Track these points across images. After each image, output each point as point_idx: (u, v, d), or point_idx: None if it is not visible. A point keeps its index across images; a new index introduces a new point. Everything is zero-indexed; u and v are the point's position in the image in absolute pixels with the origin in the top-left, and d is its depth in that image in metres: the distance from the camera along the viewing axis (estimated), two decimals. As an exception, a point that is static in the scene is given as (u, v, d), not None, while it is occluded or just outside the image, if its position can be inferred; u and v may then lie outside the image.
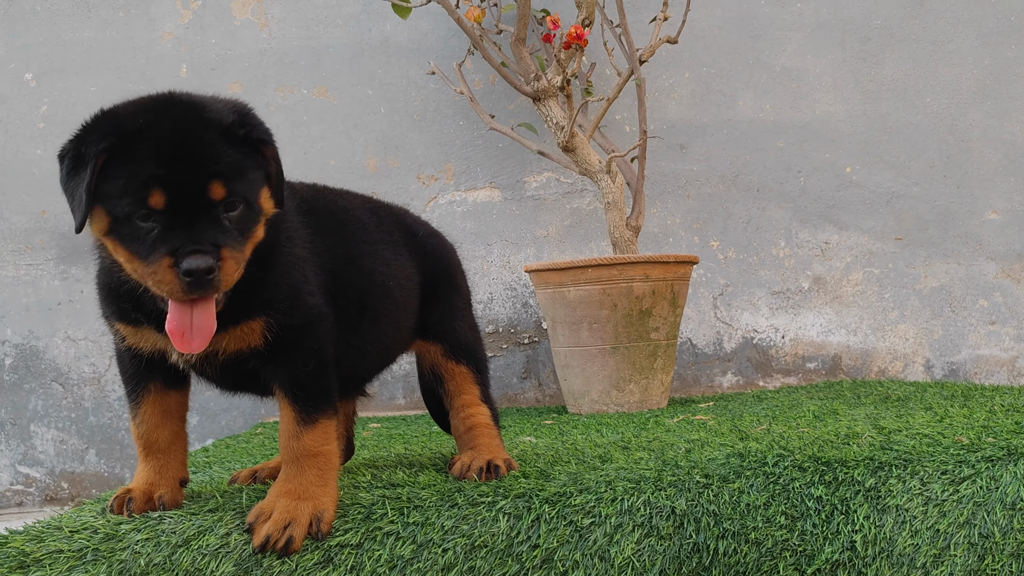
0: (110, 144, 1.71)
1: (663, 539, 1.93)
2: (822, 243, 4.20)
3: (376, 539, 1.90)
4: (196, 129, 1.73)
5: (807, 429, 2.50)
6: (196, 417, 4.18)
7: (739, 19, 4.23)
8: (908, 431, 2.31)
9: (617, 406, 3.53)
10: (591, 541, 1.92)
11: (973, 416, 2.52)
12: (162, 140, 1.70)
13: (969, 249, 4.19)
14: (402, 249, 2.28)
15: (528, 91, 3.77)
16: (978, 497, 1.96)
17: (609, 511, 1.94)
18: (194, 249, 1.68)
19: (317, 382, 1.94)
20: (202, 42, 4.24)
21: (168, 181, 1.68)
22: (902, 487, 1.99)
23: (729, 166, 4.22)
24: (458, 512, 1.94)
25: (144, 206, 1.69)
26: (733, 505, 1.97)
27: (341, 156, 4.23)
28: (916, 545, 1.94)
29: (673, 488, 1.99)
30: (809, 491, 1.99)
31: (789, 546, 1.95)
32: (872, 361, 4.19)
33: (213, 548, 1.87)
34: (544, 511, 1.94)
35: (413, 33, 4.24)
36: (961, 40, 4.21)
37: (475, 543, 1.91)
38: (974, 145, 4.20)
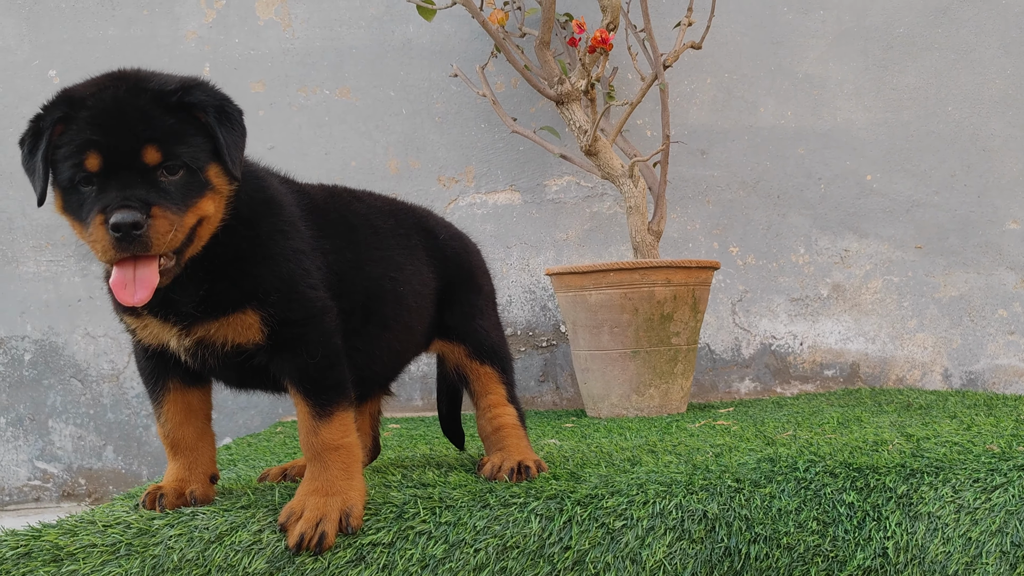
0: (62, 114, 1.77)
1: (695, 543, 1.94)
2: (842, 251, 4.20)
3: (408, 538, 1.90)
4: (134, 98, 1.77)
5: (834, 435, 2.49)
6: (214, 415, 4.17)
7: (762, 26, 4.24)
8: (937, 439, 2.31)
9: (637, 410, 3.53)
10: (623, 543, 1.92)
11: (1001, 425, 2.51)
12: (100, 108, 1.75)
13: (989, 259, 4.19)
14: (420, 253, 2.29)
15: (551, 94, 3.78)
16: (1010, 505, 1.96)
17: (641, 514, 1.94)
18: (122, 204, 1.71)
19: (327, 374, 1.94)
20: (225, 41, 4.25)
21: (103, 145, 1.73)
22: (934, 494, 1.99)
23: (750, 172, 4.22)
24: (490, 512, 1.94)
25: (82, 169, 1.74)
26: (765, 510, 1.97)
27: (362, 157, 4.24)
28: (948, 553, 1.94)
29: (705, 492, 1.99)
30: (841, 497, 1.99)
31: (821, 552, 1.95)
32: (890, 369, 4.19)
33: (246, 544, 1.87)
34: (576, 513, 1.94)
35: (436, 35, 4.25)
36: (984, 49, 4.21)
37: (507, 544, 1.91)
38: (995, 155, 4.20)
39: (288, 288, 1.92)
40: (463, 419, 2.63)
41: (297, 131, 4.24)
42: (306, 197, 2.09)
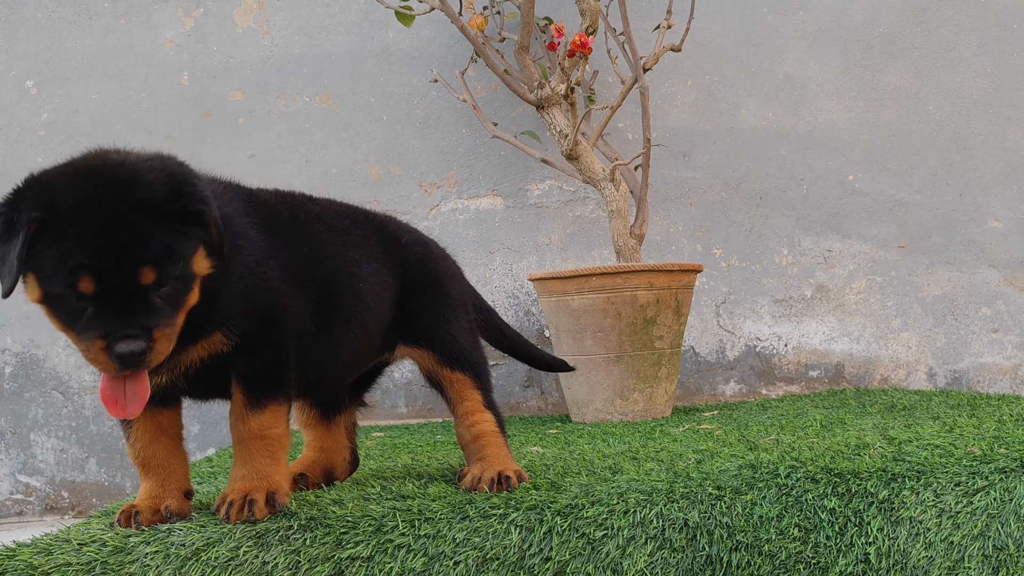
0: (41, 216, 1.68)
1: (676, 551, 1.92)
2: (825, 251, 4.20)
3: (387, 551, 1.89)
4: (126, 213, 1.69)
5: (816, 439, 2.49)
6: (197, 426, 4.16)
7: (741, 27, 4.23)
8: (919, 442, 2.30)
9: (621, 415, 3.52)
10: (603, 554, 1.91)
11: (983, 426, 2.51)
12: (91, 226, 1.67)
13: (972, 257, 4.19)
14: (379, 255, 2.28)
15: (532, 99, 3.76)
16: (992, 509, 1.95)
17: (621, 523, 1.93)
18: (126, 334, 1.69)
19: (271, 371, 1.96)
20: (204, 50, 4.22)
21: (97, 269, 1.67)
22: (915, 499, 1.98)
23: (732, 174, 4.22)
24: (469, 524, 1.93)
25: (75, 291, 1.68)
26: (746, 517, 1.96)
27: (343, 164, 4.22)
28: (930, 557, 1.93)
29: (685, 500, 1.98)
30: (822, 503, 1.98)
31: (803, 558, 1.94)
32: (875, 369, 4.18)
33: (223, 560, 1.86)
34: (556, 523, 1.93)
35: (415, 41, 4.23)
36: (963, 48, 4.22)
37: (487, 555, 1.90)
38: (976, 153, 4.20)
39: (249, 303, 1.93)
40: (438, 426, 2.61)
41: (277, 139, 4.22)
42: (252, 199, 2.08)
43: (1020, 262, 4.18)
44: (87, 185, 1.70)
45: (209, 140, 4.21)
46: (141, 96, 4.22)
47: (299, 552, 1.87)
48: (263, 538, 1.88)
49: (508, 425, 3.61)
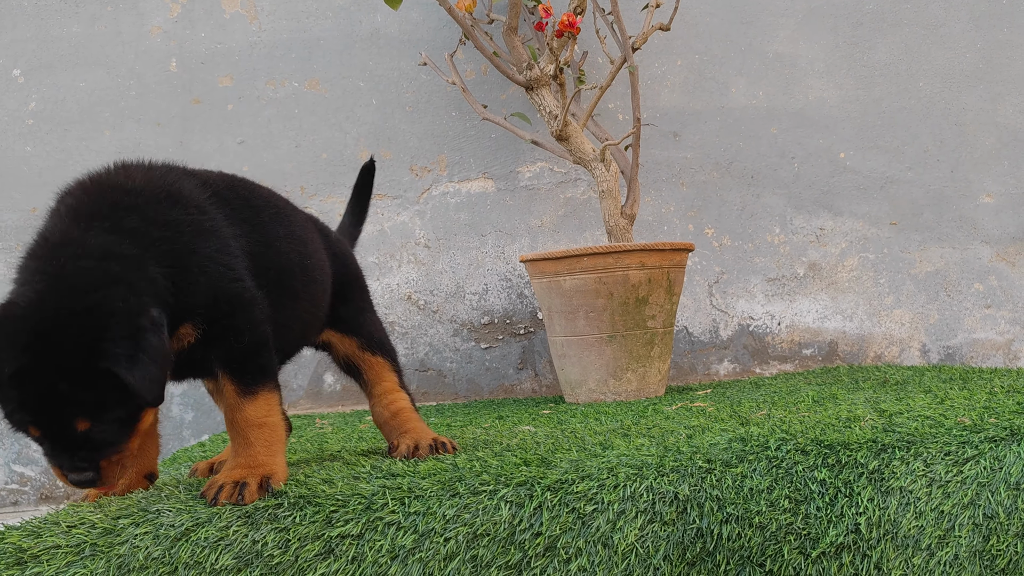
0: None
1: (666, 525, 1.92)
2: (817, 229, 4.19)
3: (377, 529, 1.88)
4: (52, 380, 1.76)
5: (807, 413, 2.48)
6: (192, 413, 4.15)
7: (731, 5, 4.22)
8: (909, 413, 2.30)
9: (615, 395, 3.52)
10: (594, 528, 1.90)
11: (974, 398, 2.51)
12: (26, 393, 1.77)
13: (964, 233, 4.19)
14: (318, 239, 2.39)
15: (521, 80, 3.75)
16: (982, 478, 1.95)
17: (612, 497, 1.93)
18: (74, 467, 1.85)
19: (254, 359, 2.00)
20: (191, 36, 4.20)
21: (39, 424, 1.81)
22: (906, 469, 1.98)
23: (723, 153, 4.21)
24: (459, 501, 1.92)
25: (28, 434, 1.84)
26: (736, 490, 1.96)
27: (333, 149, 4.21)
28: (921, 527, 1.93)
29: (676, 474, 1.98)
30: (812, 474, 1.98)
31: (793, 530, 1.94)
32: (868, 347, 4.18)
33: (212, 540, 1.85)
34: (546, 499, 1.92)
35: (404, 24, 4.21)
36: (953, 24, 4.20)
37: (477, 532, 1.89)
38: (968, 129, 4.20)
39: (215, 292, 1.95)
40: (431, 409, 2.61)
41: (267, 124, 4.20)
42: (209, 188, 2.10)
43: (1012, 237, 4.18)
44: (15, 355, 1.76)
45: (198, 127, 4.19)
46: (129, 83, 4.20)
47: (288, 531, 1.87)
48: (252, 517, 1.88)
49: (502, 407, 3.62)
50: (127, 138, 4.19)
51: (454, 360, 4.17)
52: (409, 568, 1.86)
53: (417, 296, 4.19)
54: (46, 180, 4.17)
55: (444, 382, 4.17)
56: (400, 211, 4.19)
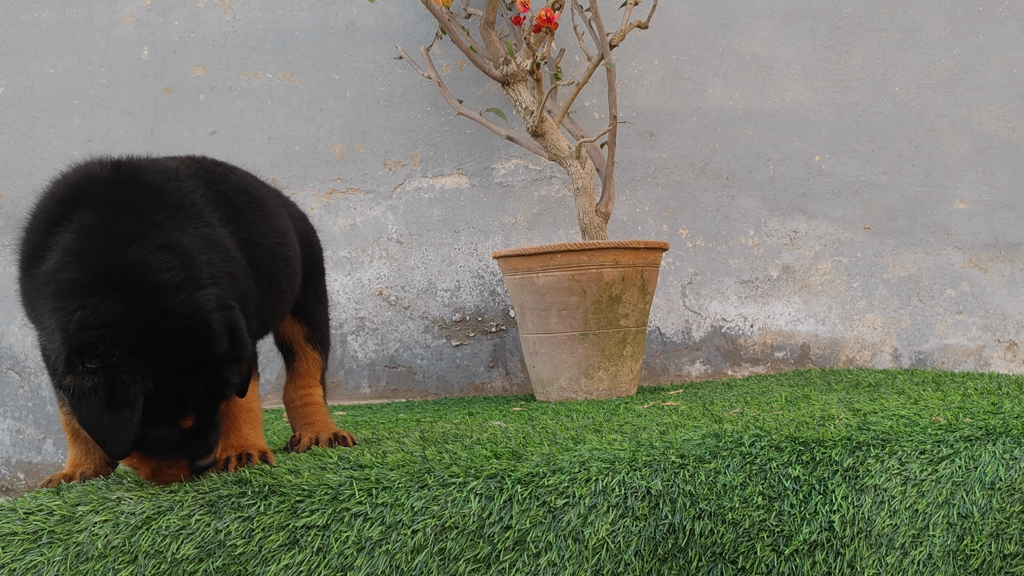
0: (152, 388, 1.81)
1: (638, 520, 1.89)
2: (791, 232, 4.19)
3: (344, 520, 1.85)
4: (212, 369, 1.88)
5: (781, 412, 2.46)
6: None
7: (709, 6, 4.21)
8: (884, 412, 2.28)
9: (586, 393, 3.49)
10: (564, 522, 1.87)
11: (948, 399, 2.49)
12: (190, 386, 1.86)
13: (937, 239, 4.19)
14: (290, 224, 2.43)
15: (497, 75, 3.72)
16: (957, 477, 1.94)
17: (583, 491, 1.90)
18: (207, 452, 1.93)
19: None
20: (164, 24, 4.15)
21: (199, 412, 1.90)
22: (880, 467, 1.96)
23: (699, 154, 4.19)
24: (428, 493, 1.89)
25: (177, 428, 1.88)
26: (709, 485, 1.94)
27: (306, 141, 4.16)
28: (895, 525, 1.91)
29: (648, 468, 1.95)
30: (786, 471, 1.96)
31: (766, 527, 1.91)
32: (840, 350, 4.18)
33: (174, 529, 1.81)
34: (516, 491, 1.89)
35: (380, 17, 4.17)
36: (930, 29, 4.21)
37: (445, 524, 1.86)
38: (942, 134, 4.20)
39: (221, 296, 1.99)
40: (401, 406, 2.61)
41: (239, 115, 4.15)
42: (207, 189, 2.16)
43: (985, 244, 4.19)
44: (179, 349, 1.83)
45: (169, 116, 4.14)
46: (100, 71, 4.14)
47: (253, 520, 1.83)
48: (215, 506, 1.84)
49: (472, 404, 3.59)
50: (96, 126, 4.13)
51: (425, 357, 4.13)
52: (375, 560, 1.83)
53: (388, 292, 4.15)
54: (12, 167, 4.10)
55: (414, 379, 4.13)
56: (373, 206, 4.15)
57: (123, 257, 1.85)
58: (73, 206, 1.96)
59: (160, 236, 1.90)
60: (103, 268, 1.84)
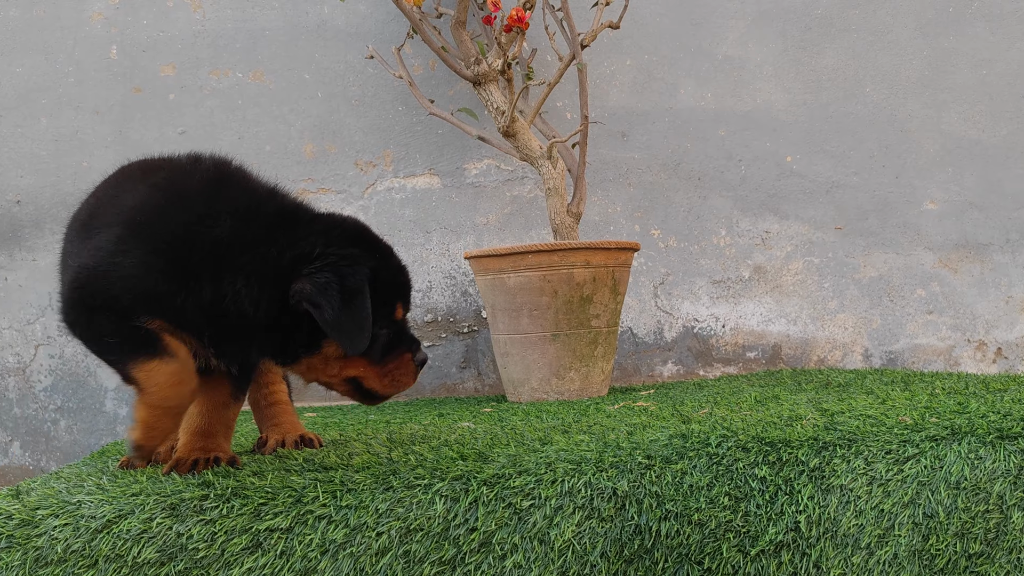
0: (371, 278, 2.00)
1: (604, 521, 1.88)
2: (763, 232, 4.19)
3: (307, 523, 1.83)
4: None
5: (749, 412, 2.46)
6: (126, 408, 4.05)
7: (681, 6, 4.21)
8: (851, 412, 2.28)
9: (557, 394, 3.48)
10: (530, 523, 1.86)
11: (915, 398, 2.50)
12: (399, 272, 2.15)
13: (907, 239, 4.21)
14: None
15: (468, 75, 3.71)
16: (922, 476, 1.94)
17: (549, 493, 1.89)
18: (418, 344, 2.13)
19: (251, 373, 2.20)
20: (133, 23, 4.11)
21: (404, 301, 2.14)
22: (846, 467, 1.96)
23: (670, 154, 4.19)
24: (393, 495, 1.87)
25: (391, 320, 2.06)
26: (676, 486, 1.93)
27: (277, 141, 4.13)
28: (860, 525, 1.91)
29: (615, 469, 1.94)
30: (753, 472, 1.96)
31: (733, 527, 1.91)
32: (812, 350, 4.19)
33: (135, 533, 1.79)
34: (482, 493, 1.88)
35: (351, 16, 4.15)
36: (901, 30, 4.23)
37: (410, 526, 1.84)
38: (913, 135, 4.22)
39: None
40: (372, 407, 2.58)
41: (209, 115, 4.12)
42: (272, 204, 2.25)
43: (955, 244, 4.20)
44: (374, 245, 2.10)
45: (138, 116, 4.10)
46: (68, 70, 4.10)
47: (215, 523, 1.81)
48: (177, 509, 1.82)
49: (443, 405, 3.57)
50: (64, 126, 4.09)
51: (396, 358, 4.11)
52: (339, 563, 1.81)
53: (360, 292, 4.12)
54: (-21, 167, 4.06)
55: (386, 380, 4.11)
56: (344, 206, 4.13)
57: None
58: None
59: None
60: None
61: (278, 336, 1.96)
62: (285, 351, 2.00)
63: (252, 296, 1.92)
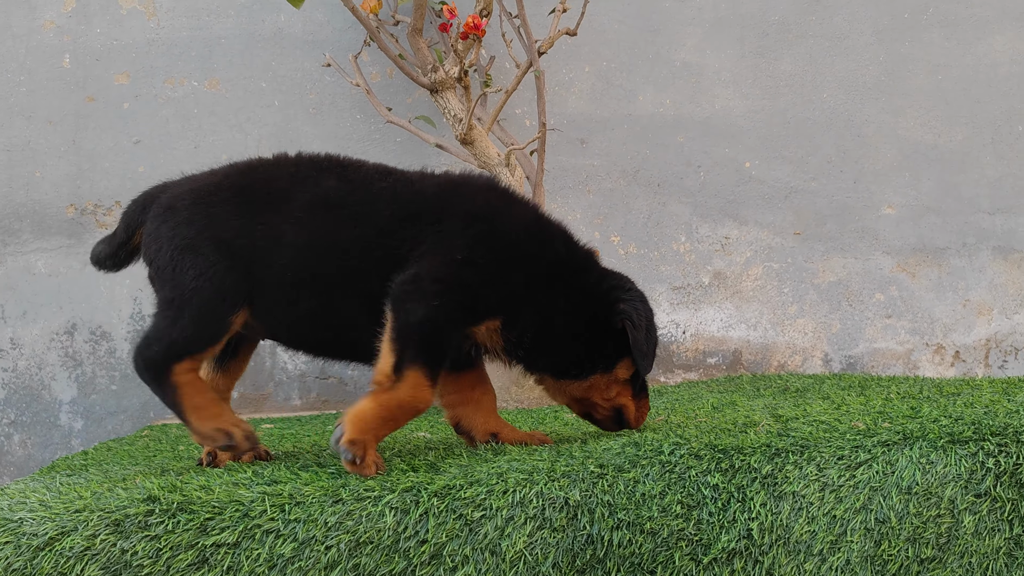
0: None
1: (556, 531, 1.87)
2: (722, 238, 4.20)
3: (255, 537, 1.80)
4: None
5: (705, 419, 2.46)
6: (81, 422, 4.00)
7: (639, 13, 4.21)
8: (805, 418, 2.28)
9: (517, 402, 3.46)
10: (481, 535, 1.84)
11: (870, 403, 2.50)
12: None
13: (866, 244, 4.23)
14: None
15: (425, 83, 3.69)
16: (874, 482, 1.94)
17: (500, 503, 1.87)
18: None
19: None
20: (86, 31, 4.07)
21: None
22: (799, 473, 1.95)
23: (630, 161, 4.19)
24: (342, 508, 1.85)
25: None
26: (628, 495, 1.92)
27: (233, 150, 4.10)
28: (813, 532, 1.90)
29: (567, 479, 1.92)
30: (705, 479, 1.95)
31: (685, 535, 1.90)
32: (772, 355, 4.19)
33: (79, 550, 1.75)
34: (433, 505, 1.86)
35: (308, 24, 4.13)
36: (857, 36, 4.25)
37: (360, 539, 1.82)
38: (870, 140, 4.24)
39: None
40: (330, 417, 2.54)
41: (164, 124, 4.08)
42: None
43: (912, 248, 4.23)
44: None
45: (92, 125, 4.05)
46: (19, 79, 4.05)
47: (160, 539, 1.78)
48: (121, 525, 1.78)
49: (402, 415, 3.54)
50: (16, 135, 4.04)
51: (356, 367, 4.08)
52: (287, 578, 1.78)
53: (319, 302, 4.09)
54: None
55: (345, 390, 4.08)
56: (302, 215, 4.09)
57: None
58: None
59: None
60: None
61: (582, 351, 2.20)
62: (582, 365, 2.22)
63: (575, 313, 2.19)
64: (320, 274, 2.17)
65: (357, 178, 2.28)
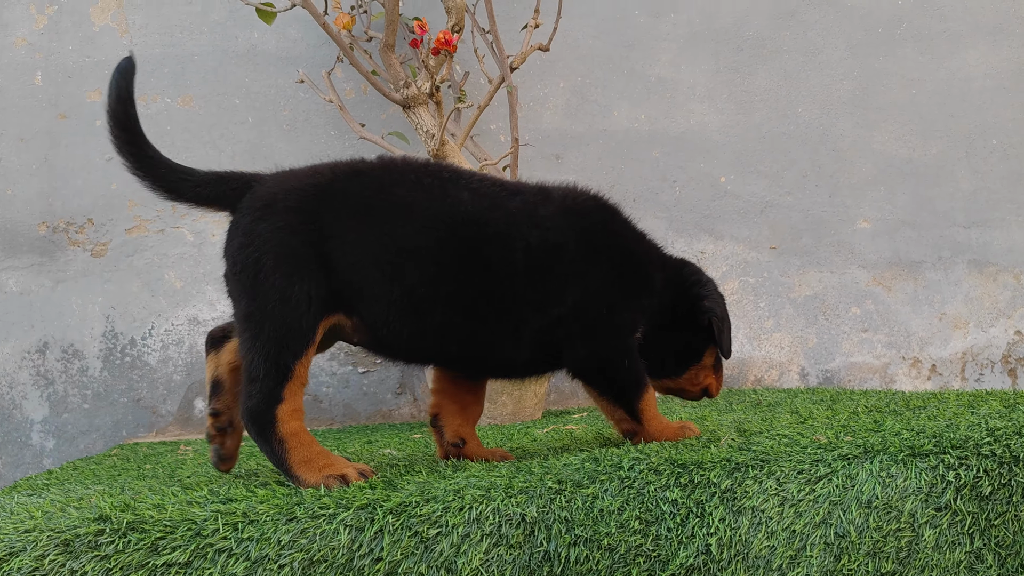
0: None
1: (512, 548, 1.85)
2: (698, 252, 4.19)
3: (207, 557, 1.78)
4: None
5: (671, 434, 2.44)
6: (53, 441, 3.97)
7: (614, 29, 4.21)
8: (769, 432, 2.27)
9: (489, 419, 3.44)
10: (437, 552, 1.82)
11: (835, 417, 2.49)
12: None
13: (841, 257, 4.22)
14: None
15: (398, 99, 3.68)
16: (834, 496, 1.92)
17: (456, 520, 1.85)
18: None
19: None
20: (59, 48, 4.05)
21: None
22: (758, 488, 1.94)
23: (605, 176, 4.19)
24: (296, 526, 1.83)
25: None
26: (586, 511, 1.90)
27: (207, 167, 4.04)
28: (772, 547, 1.89)
29: (524, 495, 1.90)
30: (664, 494, 1.93)
31: (643, 551, 1.88)
32: (748, 370, 4.18)
33: (27, 571, 1.73)
34: (388, 522, 1.84)
35: (281, 41, 4.12)
36: (831, 51, 4.25)
37: (314, 558, 1.80)
38: (845, 155, 4.24)
39: None
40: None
41: (137, 141, 4.05)
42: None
43: (888, 262, 4.22)
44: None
45: (64, 143, 4.04)
46: (-8, 97, 4.03)
47: (110, 559, 1.75)
48: (71, 545, 1.76)
49: (375, 432, 3.53)
50: (-12, 153, 4.02)
51: (331, 384, 4.06)
52: (239, 597, 1.76)
53: (293, 319, 4.07)
54: (-100, 196, 3.98)
55: (320, 407, 4.06)
56: (276, 232, 4.08)
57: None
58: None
59: None
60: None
61: (682, 351, 2.38)
62: (679, 362, 2.40)
63: (676, 318, 2.35)
64: (459, 291, 2.12)
65: (489, 193, 2.21)
